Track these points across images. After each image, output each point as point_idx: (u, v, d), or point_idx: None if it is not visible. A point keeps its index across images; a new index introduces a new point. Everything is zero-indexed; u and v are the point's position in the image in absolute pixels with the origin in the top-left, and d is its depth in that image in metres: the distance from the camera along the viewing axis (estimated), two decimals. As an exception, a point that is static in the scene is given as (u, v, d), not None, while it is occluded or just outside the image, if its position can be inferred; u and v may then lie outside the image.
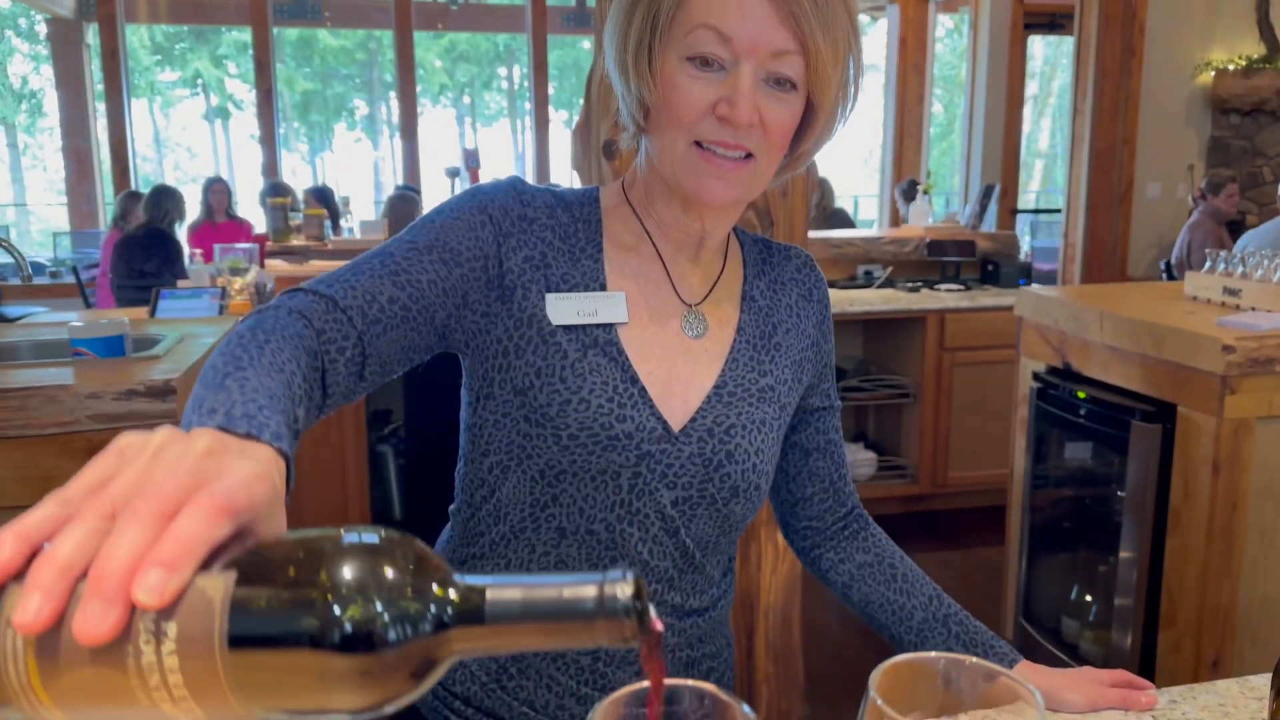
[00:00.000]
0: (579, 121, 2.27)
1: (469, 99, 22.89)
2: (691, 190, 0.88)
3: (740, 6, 0.83)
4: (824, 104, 0.88)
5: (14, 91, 17.80)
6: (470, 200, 0.93)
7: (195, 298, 3.40)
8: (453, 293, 0.89)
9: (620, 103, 0.94)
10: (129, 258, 5.04)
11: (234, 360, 0.67)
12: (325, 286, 0.83)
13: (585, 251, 0.94)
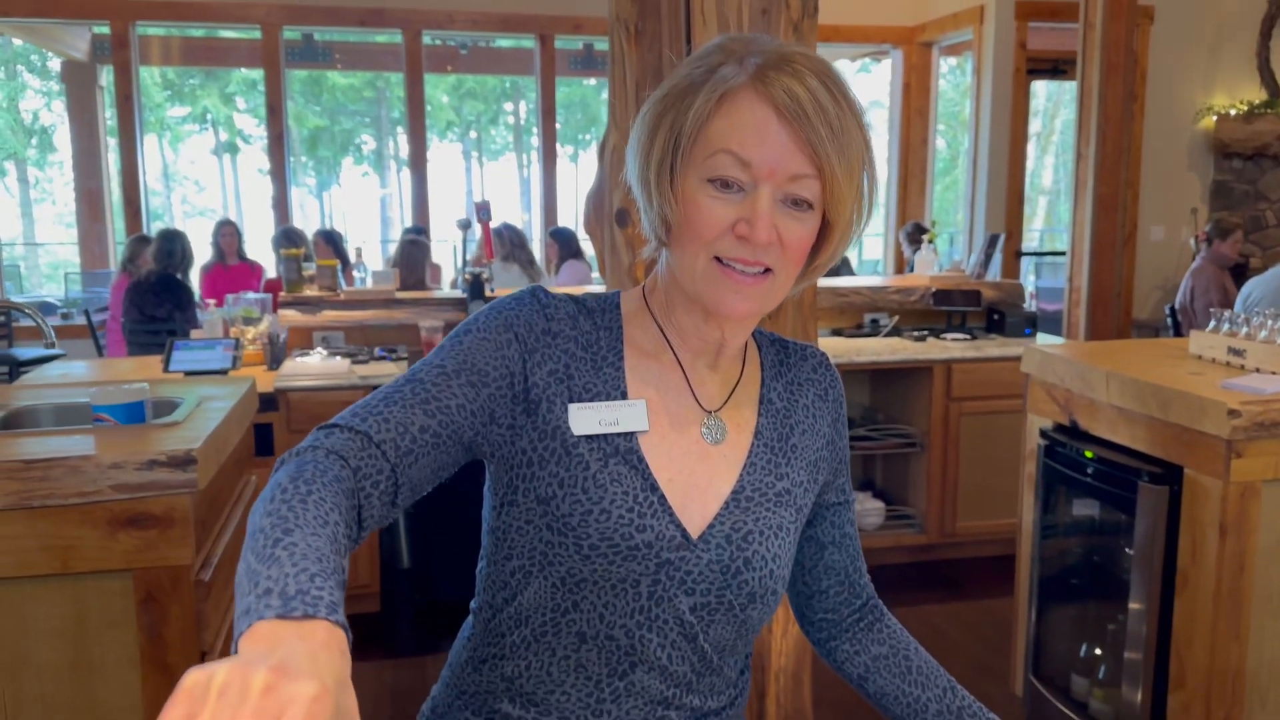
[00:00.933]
0: (592, 188, 2.30)
1: (475, 134, 23.08)
2: (712, 303, 0.92)
3: (759, 133, 0.86)
4: (839, 221, 0.92)
5: (25, 127, 17.99)
6: (496, 318, 0.95)
7: (209, 349, 3.44)
8: (480, 412, 0.92)
9: (642, 215, 0.97)
10: (140, 303, 5.09)
11: (281, 522, 0.70)
12: (360, 421, 0.86)
13: (607, 359, 0.97)
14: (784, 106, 0.86)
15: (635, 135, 0.95)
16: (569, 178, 20.56)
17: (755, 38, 0.94)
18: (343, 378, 3.41)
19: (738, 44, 0.92)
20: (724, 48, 0.92)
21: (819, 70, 0.88)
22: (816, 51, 1.08)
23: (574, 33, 7.20)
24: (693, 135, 0.89)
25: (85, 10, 6.38)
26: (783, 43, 0.93)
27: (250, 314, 3.82)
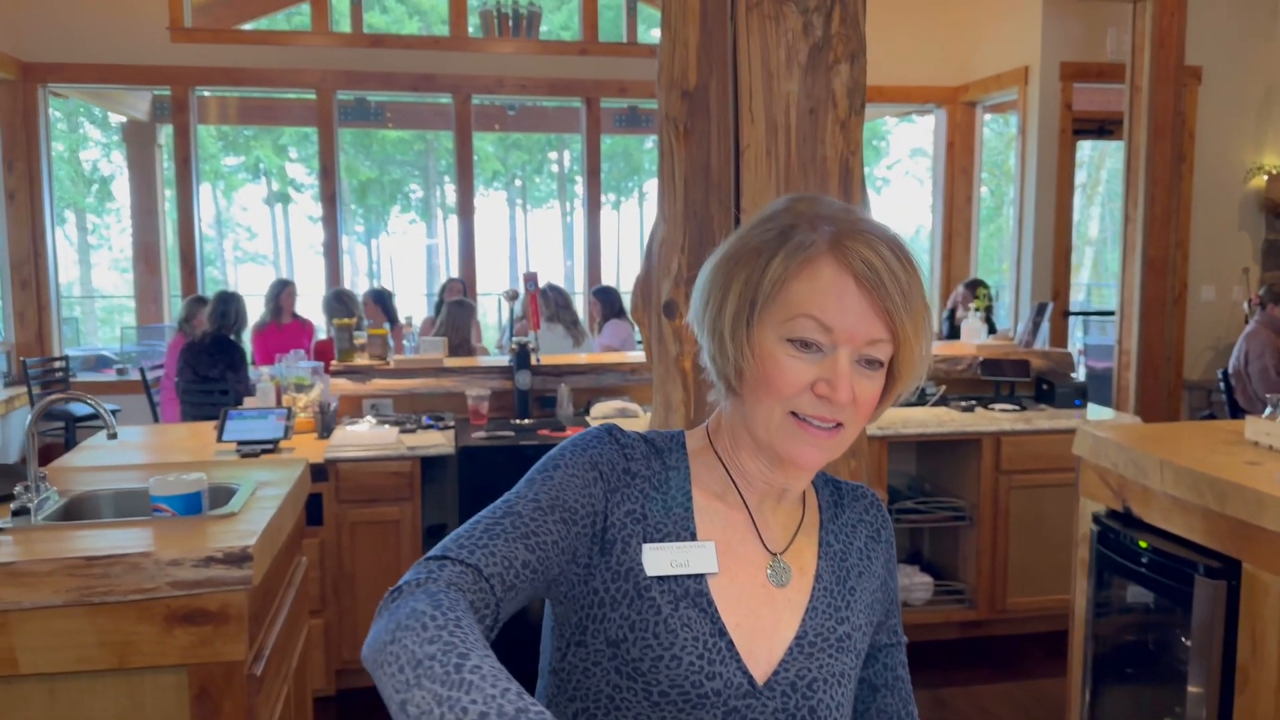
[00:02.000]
0: (640, 276, 2.33)
1: (520, 182, 23.44)
2: (786, 454, 0.95)
3: (840, 300, 0.91)
4: (904, 376, 0.96)
5: (85, 176, 18.60)
6: (581, 455, 0.98)
7: (262, 418, 3.51)
8: (568, 550, 0.94)
9: (709, 361, 0.99)
10: (195, 363, 5.21)
11: (450, 649, 0.74)
12: (468, 554, 0.88)
13: (676, 500, 0.99)
14: (862, 276, 0.91)
15: (704, 287, 0.98)
16: (610, 225, 20.78)
17: (819, 199, 0.98)
18: (391, 448, 3.45)
19: (805, 205, 0.96)
20: (792, 210, 0.96)
21: (890, 240, 0.93)
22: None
23: (619, 95, 7.31)
24: (770, 295, 0.93)
25: (148, 77, 6.61)
26: (848, 207, 0.98)
27: (302, 381, 3.89)
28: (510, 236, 23.68)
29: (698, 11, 2.09)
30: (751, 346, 0.93)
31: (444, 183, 22.39)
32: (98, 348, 8.57)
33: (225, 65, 6.60)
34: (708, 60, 2.11)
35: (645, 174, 22.89)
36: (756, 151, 2.11)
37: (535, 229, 24.91)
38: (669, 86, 2.14)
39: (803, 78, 2.08)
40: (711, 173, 2.13)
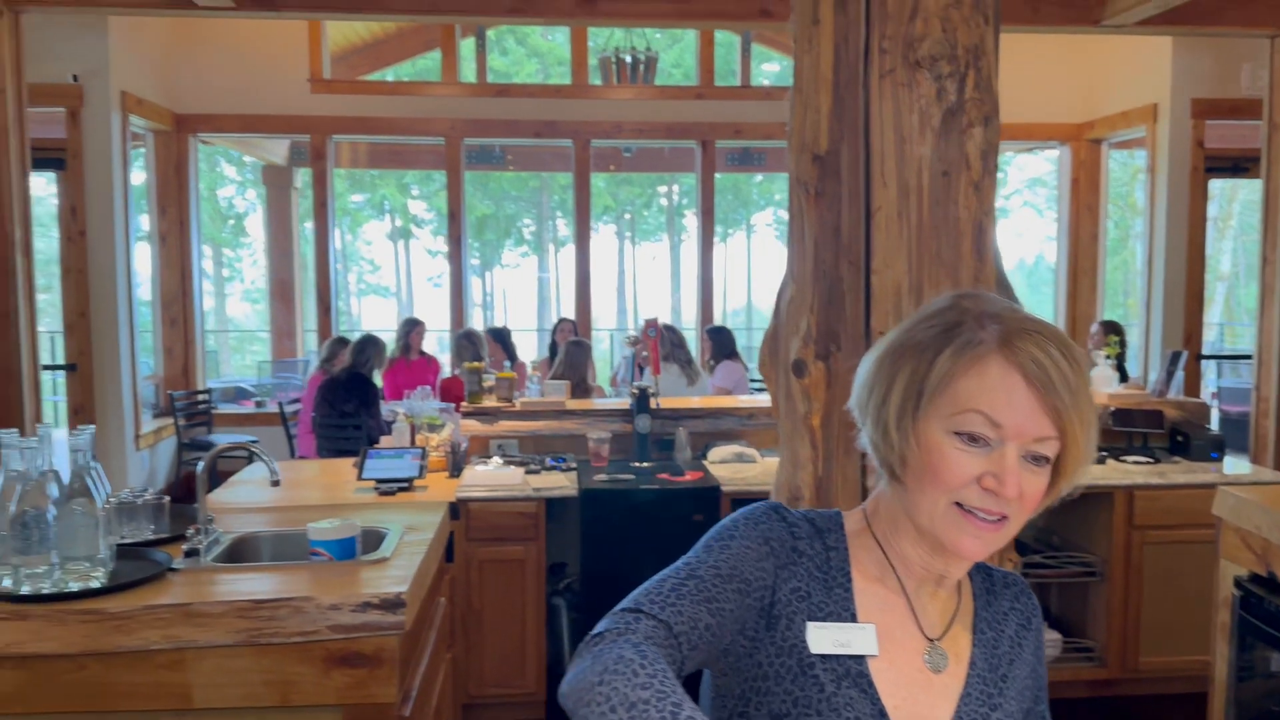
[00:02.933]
0: (768, 332, 2.38)
1: (629, 216, 23.81)
2: (950, 544, 0.98)
3: (1009, 397, 0.94)
4: (1071, 473, 0.99)
5: (221, 213, 19.73)
6: (754, 529, 1.03)
7: (398, 457, 3.67)
8: (739, 620, 0.99)
9: (870, 447, 1.03)
10: (332, 399, 5.48)
11: (664, 695, 0.82)
12: (659, 609, 0.94)
13: (837, 580, 1.03)
14: (1032, 374, 0.94)
15: (868, 377, 1.02)
16: (718, 257, 20.81)
17: (983, 296, 1.01)
18: (518, 489, 3.57)
19: (970, 302, 1.00)
20: (958, 306, 1.00)
21: (1057, 339, 0.96)
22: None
23: (734, 138, 7.40)
24: (937, 388, 0.96)
25: (289, 126, 7.02)
26: (1012, 305, 1.01)
27: (434, 421, 4.05)
28: (619, 269, 24.05)
29: (830, 80, 2.14)
30: (917, 437, 0.96)
31: (556, 218, 22.93)
32: (236, 379, 9.07)
33: (361, 115, 6.97)
34: (839, 125, 2.15)
35: (754, 206, 22.96)
36: (888, 214, 2.13)
37: (643, 262, 25.22)
38: (800, 150, 2.19)
39: (935, 142, 2.11)
40: (842, 234, 2.17)
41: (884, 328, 2.14)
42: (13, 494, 1.84)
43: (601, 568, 3.64)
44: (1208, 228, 6.72)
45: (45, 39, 5.46)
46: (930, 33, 2.07)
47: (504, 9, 5.00)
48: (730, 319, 23.65)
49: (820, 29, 2.13)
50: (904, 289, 2.16)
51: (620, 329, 23.75)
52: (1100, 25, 5.21)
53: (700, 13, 5.11)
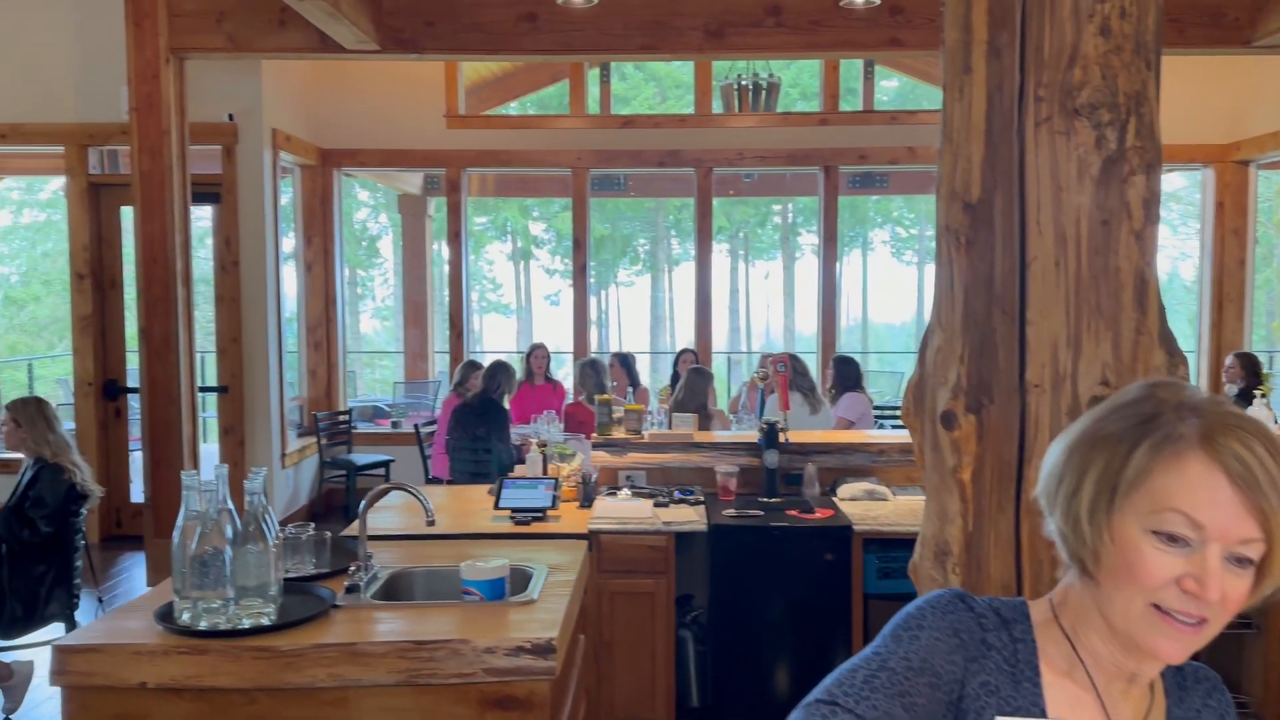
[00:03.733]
0: (912, 380, 2.34)
1: (743, 234, 23.80)
2: (1146, 645, 0.94)
3: (1211, 496, 0.90)
4: (1276, 573, 0.93)
5: (355, 235, 20.60)
6: (942, 618, 1.01)
7: (532, 487, 3.77)
8: (930, 715, 0.98)
9: (1059, 539, 1.00)
10: (465, 423, 5.66)
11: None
12: (854, 703, 0.94)
13: (1024, 674, 1.01)
14: (1236, 474, 0.89)
15: (1057, 466, 0.99)
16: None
17: (1179, 385, 0.98)
18: (648, 522, 3.61)
19: (1167, 393, 0.96)
20: (1154, 397, 0.96)
21: (1262, 435, 0.91)
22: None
23: (858, 163, 7.33)
24: (1133, 484, 0.93)
25: (426, 160, 7.31)
26: (1214, 397, 0.97)
27: (565, 451, 4.14)
28: (731, 287, 24.04)
29: (982, 128, 2.10)
30: (1111, 533, 0.93)
31: (670, 237, 23.09)
32: (372, 398, 9.43)
33: (492, 148, 7.20)
34: (992, 174, 2.12)
35: (870, 224, 22.61)
36: (1044, 263, 2.08)
37: (756, 280, 25.15)
38: (950, 198, 2.16)
39: (1095, 190, 2.05)
40: (995, 284, 2.12)
41: (1039, 380, 2.10)
42: (193, 534, 1.98)
43: (730, 603, 3.64)
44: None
45: (203, 81, 5.84)
46: (1089, 80, 2.02)
47: (635, 46, 5.10)
48: (846, 335, 23.37)
49: (972, 77, 2.10)
50: (1061, 340, 2.10)
51: (733, 348, 23.73)
52: (1250, 46, 4.96)
53: (828, 43, 5.10)
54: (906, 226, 23.08)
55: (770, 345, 24.73)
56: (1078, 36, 2.03)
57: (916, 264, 23.62)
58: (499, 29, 5.08)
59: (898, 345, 24.63)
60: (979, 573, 2.17)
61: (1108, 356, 2.10)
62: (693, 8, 5.13)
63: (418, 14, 5.07)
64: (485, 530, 3.50)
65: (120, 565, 5.90)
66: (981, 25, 2.09)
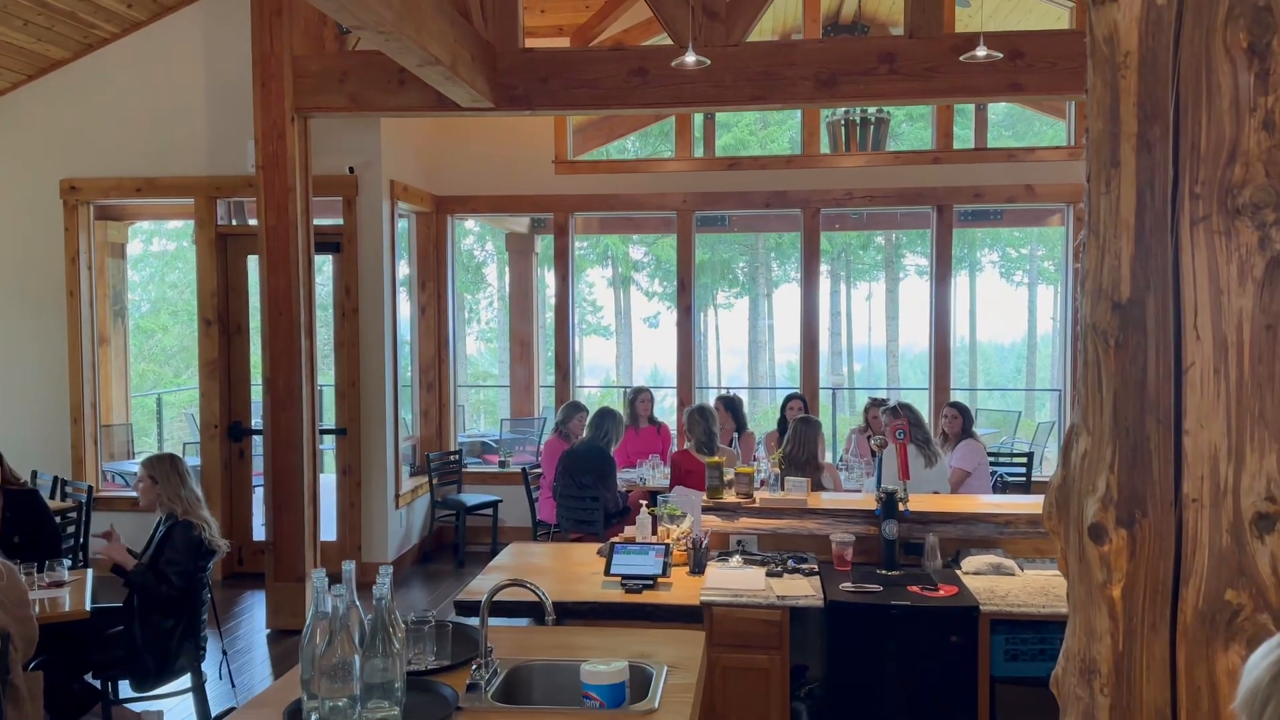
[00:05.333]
0: (1055, 481, 2.23)
1: (845, 256, 23.51)
2: None
3: None
4: None
5: (464, 264, 21.08)
6: None
7: (643, 553, 3.75)
8: None
9: None
10: (572, 470, 5.69)
11: None
12: None
13: None
14: None
15: (1263, 686, 0.95)
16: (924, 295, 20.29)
17: None
18: (762, 595, 3.54)
19: None
20: None
21: None
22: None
23: (973, 202, 7.12)
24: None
25: (535, 205, 7.42)
26: None
27: (674, 512, 4.10)
28: (832, 309, 23.73)
29: (1131, 225, 1.99)
30: None
31: (770, 260, 22.95)
32: (479, 434, 9.59)
33: (599, 192, 7.26)
34: (1144, 273, 2.00)
35: (979, 245, 22.04)
36: (1203, 369, 1.95)
37: (858, 302, 24.79)
38: (1096, 296, 2.05)
39: (1258, 293, 1.91)
40: (1148, 389, 2.00)
41: (1197, 494, 1.98)
42: (322, 635, 2.00)
43: (848, 684, 3.54)
44: None
45: (326, 135, 6.05)
46: (1252, 178, 1.89)
47: (745, 97, 5.06)
48: (954, 357, 22.69)
49: (1120, 171, 1.99)
50: (1221, 452, 1.97)
51: (834, 370, 23.37)
52: None
53: (945, 90, 4.97)
54: (1016, 247, 22.46)
55: (872, 371, 24.29)
56: (1238, 131, 1.90)
57: (1027, 284, 22.97)
58: (610, 84, 5.12)
59: (1007, 366, 23.93)
60: (1130, 695, 2.04)
61: (1273, 470, 1.96)
62: (804, 57, 5.07)
63: (531, 73, 5.15)
64: (597, 599, 3.49)
65: (242, 604, 6.11)
66: (1131, 118, 1.98)
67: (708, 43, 4.97)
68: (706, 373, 23.93)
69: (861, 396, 16.83)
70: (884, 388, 21.89)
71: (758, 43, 5.44)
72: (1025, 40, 4.90)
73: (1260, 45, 1.91)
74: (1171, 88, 1.96)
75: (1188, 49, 1.94)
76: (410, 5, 3.96)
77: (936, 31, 4.97)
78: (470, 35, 4.82)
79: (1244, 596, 1.93)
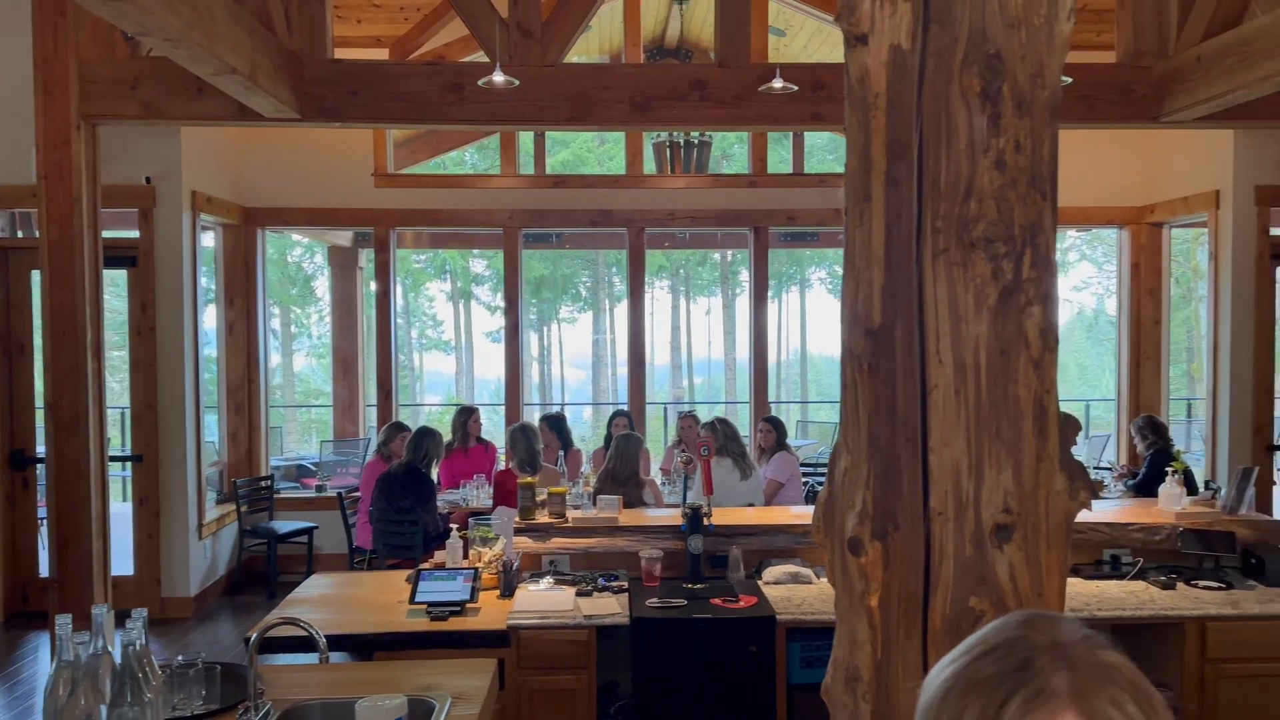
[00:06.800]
0: (822, 497, 2.33)
1: (684, 272, 24.03)
2: None
3: None
4: None
5: (290, 277, 20.25)
6: None
7: (450, 579, 3.69)
8: None
9: None
10: (389, 493, 5.54)
11: None
12: None
13: None
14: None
15: (932, 708, 0.95)
16: (772, 311, 21.13)
17: (1056, 621, 0.94)
18: (569, 616, 3.55)
19: (1040, 635, 0.93)
20: (1027, 641, 0.93)
21: (1135, 690, 0.89)
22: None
23: (787, 224, 7.41)
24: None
25: (353, 219, 7.22)
26: (1089, 635, 0.93)
27: (487, 534, 4.06)
28: (673, 324, 24.19)
29: (882, 256, 2.12)
30: None
31: (612, 275, 23.16)
32: (298, 456, 9.21)
33: (422, 206, 7.13)
34: (892, 302, 2.13)
35: (808, 263, 22.97)
36: (945, 391, 2.09)
37: (698, 316, 25.38)
38: (853, 322, 2.17)
39: (992, 320, 2.07)
40: (898, 410, 2.13)
41: (942, 508, 2.11)
42: (65, 686, 1.87)
43: (653, 696, 3.59)
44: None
45: (120, 143, 5.69)
46: (985, 214, 2.05)
47: (562, 118, 5.09)
48: (786, 369, 23.66)
49: (872, 205, 2.12)
50: (963, 468, 2.11)
51: (675, 385, 23.79)
52: (1159, 121, 5.13)
53: (752, 117, 5.15)
54: (841, 265, 23.48)
55: (712, 385, 24.87)
56: (973, 170, 2.05)
57: (853, 300, 24.01)
58: (424, 99, 5.04)
59: (836, 377, 24.99)
60: (888, 702, 2.15)
61: (1009, 484, 2.12)
62: (619, 81, 5.15)
63: (340, 84, 5.01)
64: (400, 629, 3.41)
65: (26, 646, 5.64)
66: (881, 155, 2.11)
67: (524, 62, 4.98)
68: (550, 388, 23.85)
69: (700, 410, 17.25)
70: (723, 401, 22.44)
71: (573, 64, 5.49)
72: (827, 72, 5.14)
73: (992, 90, 2.06)
74: (916, 128, 2.09)
75: (929, 92, 2.07)
76: (201, 13, 3.78)
77: (744, 61, 5.15)
78: (272, 44, 4.65)
79: (985, 603, 2.07)
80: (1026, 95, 2.04)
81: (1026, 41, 2.06)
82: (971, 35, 2.04)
